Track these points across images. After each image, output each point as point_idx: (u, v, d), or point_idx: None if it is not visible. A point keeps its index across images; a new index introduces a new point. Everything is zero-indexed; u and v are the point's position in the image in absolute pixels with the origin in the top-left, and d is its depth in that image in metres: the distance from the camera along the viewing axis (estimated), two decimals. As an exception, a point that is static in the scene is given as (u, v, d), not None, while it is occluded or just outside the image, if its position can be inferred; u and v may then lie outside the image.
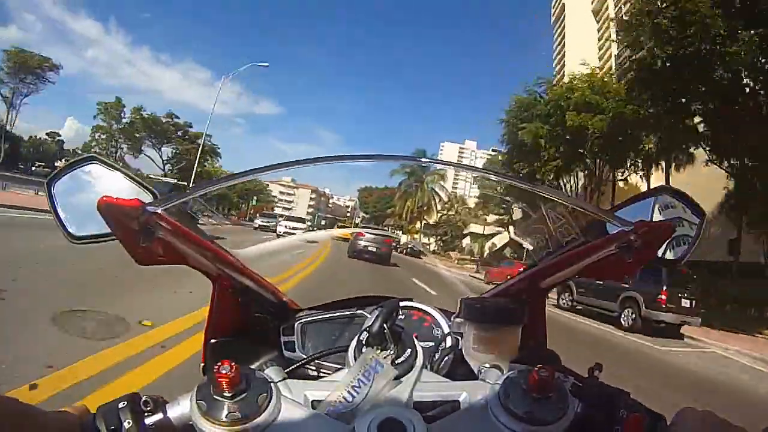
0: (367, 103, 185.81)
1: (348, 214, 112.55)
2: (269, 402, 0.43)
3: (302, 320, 0.84)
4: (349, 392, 0.49)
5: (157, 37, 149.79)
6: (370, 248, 14.19)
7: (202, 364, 0.70)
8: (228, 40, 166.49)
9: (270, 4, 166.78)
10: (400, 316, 0.75)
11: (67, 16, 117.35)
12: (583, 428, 0.46)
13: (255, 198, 58.99)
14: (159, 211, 0.48)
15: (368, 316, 0.73)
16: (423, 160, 0.77)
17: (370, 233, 15.11)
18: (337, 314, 0.85)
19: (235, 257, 0.66)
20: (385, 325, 0.53)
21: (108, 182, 0.58)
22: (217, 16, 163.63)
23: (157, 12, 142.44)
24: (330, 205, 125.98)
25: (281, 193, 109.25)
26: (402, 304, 0.78)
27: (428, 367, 0.62)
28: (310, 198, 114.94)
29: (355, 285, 7.55)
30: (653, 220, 0.58)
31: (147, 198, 0.54)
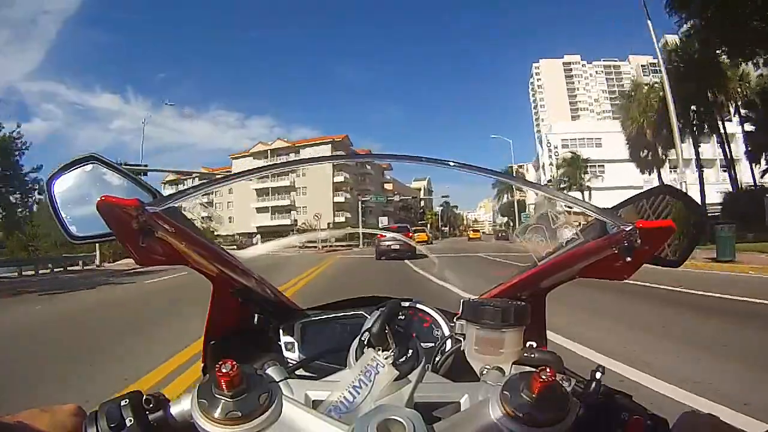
0: (406, 109, 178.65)
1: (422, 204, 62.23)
2: (270, 401, 0.43)
3: (302, 320, 0.83)
4: (350, 392, 0.49)
5: (177, 94, 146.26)
6: (393, 247, 15.71)
7: (202, 364, 0.70)
8: (246, 76, 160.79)
9: (283, 33, 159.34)
10: (400, 317, 0.75)
11: (84, 96, 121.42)
12: (585, 431, 0.46)
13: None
14: (158, 210, 0.48)
15: (369, 316, 0.72)
16: (425, 158, 0.74)
17: (389, 233, 15.54)
18: (338, 315, 0.85)
19: (234, 257, 0.66)
20: (386, 326, 0.52)
21: (108, 181, 0.58)
22: (229, 56, 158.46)
23: (172, 70, 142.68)
24: (388, 185, 66.31)
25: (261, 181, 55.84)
26: (403, 304, 0.78)
27: (429, 368, 0.62)
28: (334, 168, 51.53)
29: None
30: (654, 219, 0.57)
31: (147, 198, 0.53)
